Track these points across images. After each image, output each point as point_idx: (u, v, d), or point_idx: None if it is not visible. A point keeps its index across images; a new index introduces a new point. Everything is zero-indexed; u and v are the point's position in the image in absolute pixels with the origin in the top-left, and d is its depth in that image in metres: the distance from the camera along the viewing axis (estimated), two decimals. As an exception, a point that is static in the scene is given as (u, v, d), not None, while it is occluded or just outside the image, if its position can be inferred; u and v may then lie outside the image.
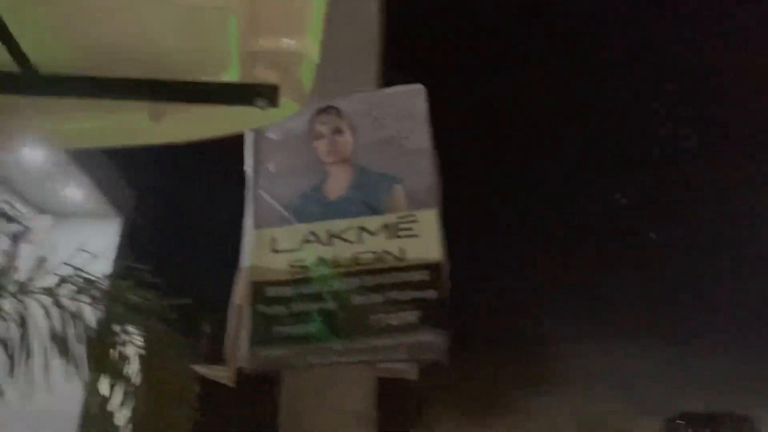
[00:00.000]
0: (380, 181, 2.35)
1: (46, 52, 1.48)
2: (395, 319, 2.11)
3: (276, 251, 2.28)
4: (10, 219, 8.18)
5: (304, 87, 1.63)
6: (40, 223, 7.92)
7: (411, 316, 2.10)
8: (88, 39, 1.48)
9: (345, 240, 2.26)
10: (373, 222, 2.27)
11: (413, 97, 2.43)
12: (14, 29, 1.36)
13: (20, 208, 7.86)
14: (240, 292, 2.33)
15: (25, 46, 1.43)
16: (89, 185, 7.44)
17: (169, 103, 1.64)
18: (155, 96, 1.60)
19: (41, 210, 7.97)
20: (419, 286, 2.14)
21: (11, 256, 8.12)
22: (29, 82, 1.52)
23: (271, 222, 2.33)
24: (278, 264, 2.25)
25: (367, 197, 2.32)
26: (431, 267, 2.16)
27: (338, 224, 2.28)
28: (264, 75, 1.57)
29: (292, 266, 2.25)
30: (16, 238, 8.21)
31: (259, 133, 2.42)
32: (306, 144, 2.42)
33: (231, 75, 1.58)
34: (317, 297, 2.20)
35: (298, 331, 2.17)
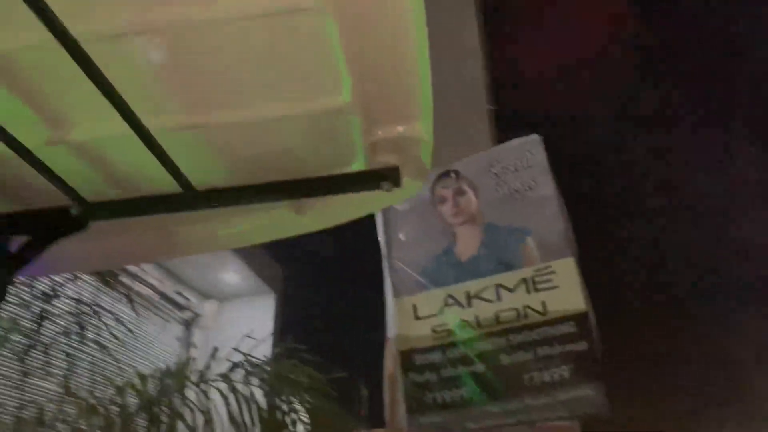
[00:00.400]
0: (510, 236, 2.35)
1: (201, 170, 1.70)
2: (548, 375, 2.06)
3: (418, 318, 2.34)
4: (181, 307, 9.07)
5: (424, 165, 1.71)
6: (207, 309, 8.69)
7: (563, 371, 2.05)
8: (235, 155, 1.68)
9: (484, 299, 2.27)
10: (509, 278, 2.26)
11: (530, 148, 2.43)
12: (175, 156, 1.59)
13: (188, 296, 8.71)
14: (390, 361, 2.40)
15: (184, 168, 1.66)
16: (244, 267, 8.07)
17: (309, 198, 1.80)
18: (298, 194, 1.77)
19: (206, 295, 8.73)
20: (567, 339, 2.09)
21: (189, 345, 8.96)
22: (190, 199, 1.75)
23: (409, 289, 2.40)
24: (422, 330, 2.30)
25: (500, 253, 2.33)
26: (576, 318, 2.10)
27: (475, 284, 2.31)
28: (385, 159, 1.68)
29: (436, 331, 2.29)
30: (188, 325, 9.06)
31: (387, 207, 2.54)
32: (431, 210, 2.49)
33: (357, 165, 1.70)
34: (465, 360, 2.22)
35: (451, 397, 2.19)
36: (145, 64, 1.38)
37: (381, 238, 2.54)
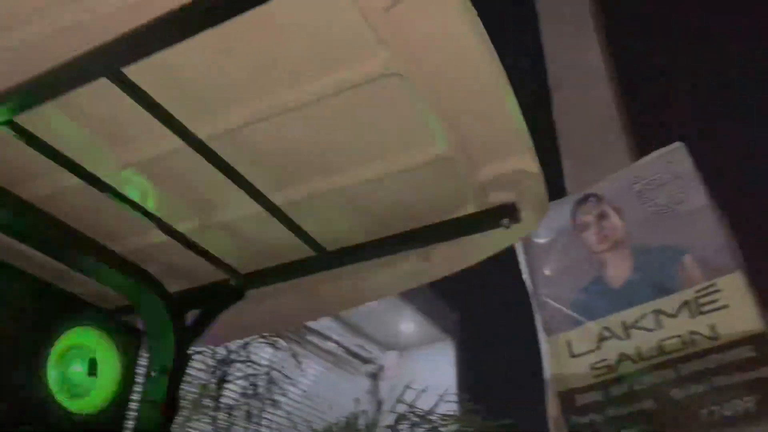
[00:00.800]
0: (664, 256, 2.16)
1: (329, 233, 1.83)
2: (728, 408, 1.82)
3: (574, 355, 2.21)
4: (366, 360, 9.42)
5: (540, 196, 1.67)
6: (389, 360, 8.94)
7: (746, 402, 1.79)
8: (355, 215, 1.79)
9: (643, 329, 2.09)
10: (669, 302, 2.07)
11: (674, 157, 2.23)
12: (304, 223, 1.74)
13: (371, 349, 9.04)
14: (553, 404, 2.29)
15: (313, 232, 1.80)
16: (420, 316, 8.20)
17: (431, 244, 1.84)
18: (420, 243, 1.82)
19: (387, 347, 8.99)
20: (746, 365, 1.83)
21: (376, 396, 9.24)
22: (324, 261, 1.89)
23: (561, 326, 2.29)
24: (580, 368, 2.17)
25: (655, 276, 2.14)
26: (754, 340, 1.84)
27: (631, 313, 2.14)
28: (500, 198, 1.67)
29: (595, 368, 2.15)
30: (374, 377, 9.36)
31: (527, 242, 2.48)
32: (574, 239, 2.38)
33: (472, 206, 1.71)
34: (631, 398, 2.04)
35: (621, 439, 2.02)
36: (262, 148, 1.55)
37: (525, 275, 2.47)
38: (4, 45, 1.22)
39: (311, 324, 7.44)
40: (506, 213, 1.67)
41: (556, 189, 2.72)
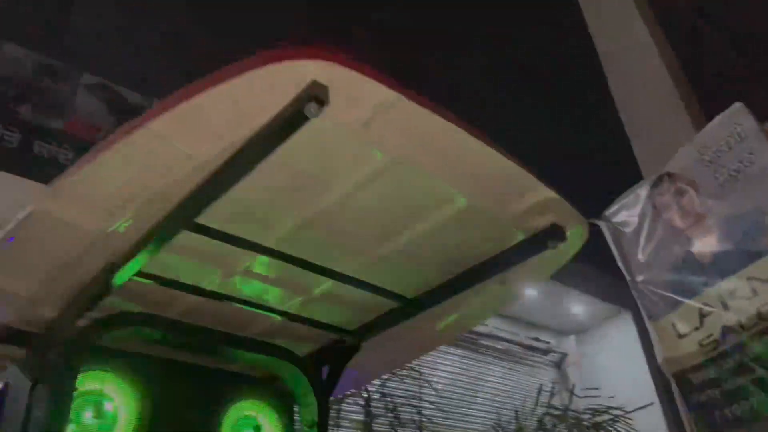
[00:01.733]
0: (748, 221, 2.12)
1: (404, 282, 2.11)
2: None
3: (680, 336, 2.23)
4: (545, 351, 9.39)
5: (572, 212, 1.82)
6: (568, 346, 8.84)
7: None
8: (423, 263, 2.05)
9: (740, 298, 2.07)
10: (761, 268, 2.03)
11: (736, 119, 2.18)
12: (381, 281, 2.05)
13: (547, 339, 9.01)
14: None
15: (391, 285, 2.10)
16: (586, 296, 8.03)
17: (494, 275, 2.04)
18: (484, 275, 2.04)
19: (563, 333, 8.88)
20: None
21: (564, 385, 9.20)
22: (411, 307, 2.18)
23: (663, 309, 2.32)
24: (689, 348, 2.19)
25: (741, 243, 2.11)
26: None
27: (725, 285, 2.12)
28: (540, 221, 1.84)
29: (703, 345, 2.16)
30: (558, 365, 9.32)
31: (615, 232, 2.54)
32: (657, 222, 2.40)
33: (521, 235, 1.90)
34: (743, 368, 2.03)
35: (741, 411, 2.02)
36: (324, 238, 1.88)
37: (621, 266, 2.52)
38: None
39: (479, 329, 7.64)
40: (551, 235, 1.84)
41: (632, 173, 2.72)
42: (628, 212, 2.44)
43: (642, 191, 2.44)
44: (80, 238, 1.68)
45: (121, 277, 1.78)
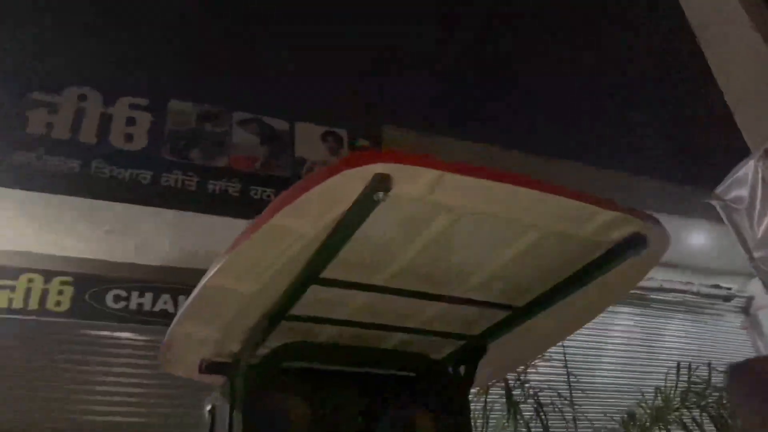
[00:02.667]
0: None
1: (511, 295, 2.38)
2: None
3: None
4: (727, 298, 8.88)
5: (646, 216, 1.95)
6: (753, 287, 8.27)
7: None
8: (523, 279, 2.30)
9: None
10: None
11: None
12: (486, 296, 2.34)
13: (728, 285, 8.50)
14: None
15: (505, 300, 2.38)
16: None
17: (589, 282, 2.22)
18: (580, 283, 2.23)
19: (744, 276, 8.30)
20: None
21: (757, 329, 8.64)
22: (519, 315, 2.44)
23: (783, 285, 2.31)
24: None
25: None
26: None
27: None
28: (619, 233, 2.01)
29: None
30: (745, 311, 8.78)
31: (728, 211, 2.55)
32: (766, 196, 2.37)
33: (603, 247, 2.07)
34: None
35: None
36: (425, 269, 2.21)
37: (742, 246, 2.52)
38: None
39: (649, 283, 7.42)
40: (631, 244, 1.99)
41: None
42: (738, 188, 2.44)
43: (750, 166, 2.42)
44: (241, 296, 2.19)
45: (276, 319, 2.28)
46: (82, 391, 5.12)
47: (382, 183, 1.59)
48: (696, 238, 7.35)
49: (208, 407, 2.68)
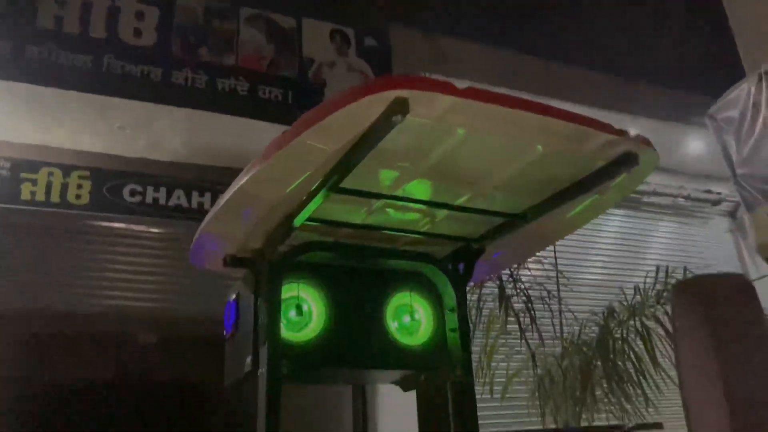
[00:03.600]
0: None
1: (511, 204, 2.61)
2: None
3: (775, 222, 2.46)
4: (715, 202, 9.17)
5: (645, 140, 2.15)
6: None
7: None
8: (525, 189, 2.52)
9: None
10: None
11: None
12: (491, 205, 2.58)
13: (717, 190, 8.76)
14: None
15: (504, 209, 2.62)
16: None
17: (585, 193, 2.44)
18: (577, 193, 2.45)
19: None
20: None
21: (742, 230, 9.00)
22: (529, 215, 2.68)
23: (758, 201, 2.54)
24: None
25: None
26: None
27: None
28: (615, 150, 2.21)
29: (793, 233, 2.38)
30: (732, 215, 9.12)
31: (718, 130, 2.73)
32: (757, 119, 2.54)
33: (600, 163, 2.28)
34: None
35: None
36: (435, 185, 2.42)
37: (727, 165, 2.72)
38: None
39: (643, 188, 7.67)
40: (625, 162, 2.20)
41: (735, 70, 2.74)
42: (730, 110, 2.61)
43: (743, 89, 2.57)
44: (267, 202, 2.42)
45: (298, 221, 2.52)
46: (100, 279, 5.51)
47: (401, 107, 1.76)
48: (692, 145, 7.52)
49: (233, 296, 2.98)
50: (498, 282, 4.20)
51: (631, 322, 3.99)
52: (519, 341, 4.25)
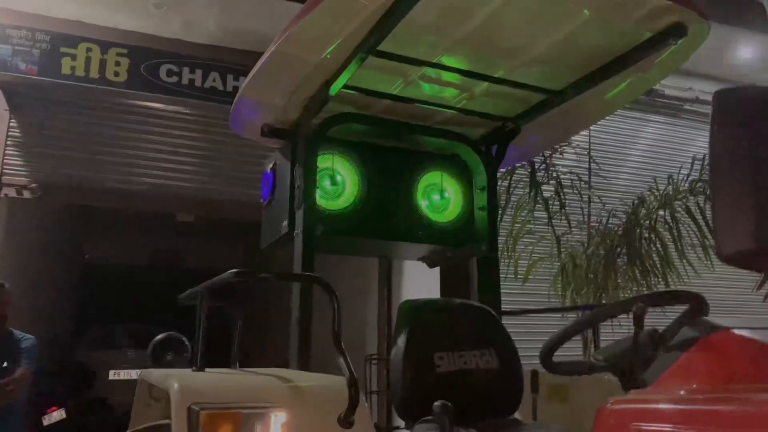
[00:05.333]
0: None
1: (550, 79, 2.58)
2: None
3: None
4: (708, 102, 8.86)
5: (697, 9, 2.07)
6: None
7: None
8: (568, 63, 2.48)
9: None
10: None
11: None
12: (524, 79, 2.56)
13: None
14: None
15: (544, 84, 2.59)
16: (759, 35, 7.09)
17: (629, 66, 2.39)
18: (620, 66, 2.40)
19: (730, 81, 8.09)
20: None
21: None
22: (558, 99, 2.65)
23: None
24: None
25: None
26: None
27: None
28: (664, 21, 2.15)
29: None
30: None
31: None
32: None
33: (646, 34, 2.22)
34: None
35: None
36: (473, 53, 2.39)
37: None
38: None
39: (686, 94, 7.40)
40: (673, 32, 2.14)
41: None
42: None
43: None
44: (306, 65, 2.43)
45: (335, 88, 2.53)
46: (136, 156, 5.66)
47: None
48: (742, 49, 7.16)
49: (270, 166, 3.07)
50: (530, 168, 4.19)
51: (661, 212, 3.99)
52: (546, 227, 4.30)
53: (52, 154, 5.31)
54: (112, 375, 8.47)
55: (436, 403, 1.73)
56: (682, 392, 1.19)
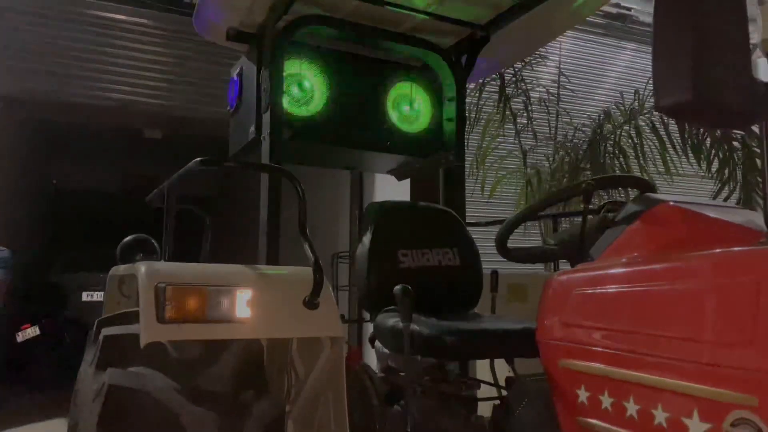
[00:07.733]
0: None
1: None
2: None
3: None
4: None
5: None
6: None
7: None
8: None
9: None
10: None
11: None
12: None
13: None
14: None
15: None
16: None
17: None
18: None
19: None
20: None
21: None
22: (529, 3, 2.64)
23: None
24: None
25: None
26: None
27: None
28: None
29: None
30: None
31: None
32: None
33: None
34: None
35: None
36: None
37: None
38: None
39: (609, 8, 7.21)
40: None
41: None
42: None
43: None
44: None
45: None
46: (98, 70, 5.48)
47: None
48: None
49: (236, 71, 3.01)
50: (499, 81, 4.18)
51: (626, 127, 4.06)
52: (514, 143, 4.34)
53: (15, 67, 5.12)
54: (86, 297, 8.51)
55: (397, 287, 1.80)
56: (623, 260, 1.26)
